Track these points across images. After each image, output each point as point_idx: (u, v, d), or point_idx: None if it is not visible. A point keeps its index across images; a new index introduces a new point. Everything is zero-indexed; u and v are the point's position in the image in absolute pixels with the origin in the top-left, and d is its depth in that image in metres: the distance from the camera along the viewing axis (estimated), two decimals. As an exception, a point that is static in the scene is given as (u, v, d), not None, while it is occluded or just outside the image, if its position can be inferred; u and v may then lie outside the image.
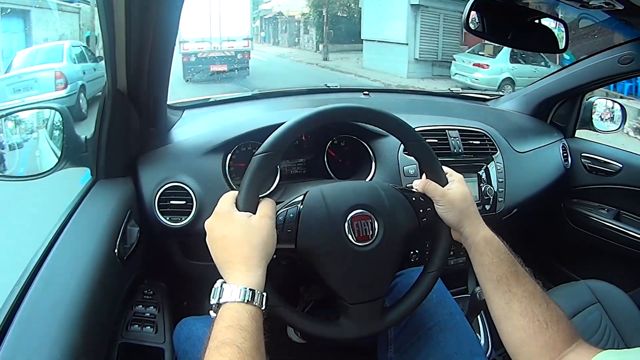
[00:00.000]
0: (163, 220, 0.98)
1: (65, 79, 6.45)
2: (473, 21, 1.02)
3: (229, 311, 0.58)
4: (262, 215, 0.67)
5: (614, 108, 1.56)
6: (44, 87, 6.30)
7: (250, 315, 0.58)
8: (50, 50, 7.55)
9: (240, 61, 10.87)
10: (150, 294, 0.96)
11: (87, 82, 6.85)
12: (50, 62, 6.77)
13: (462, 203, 0.75)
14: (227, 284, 0.60)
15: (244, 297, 0.59)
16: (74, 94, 6.48)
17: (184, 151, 1.06)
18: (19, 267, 0.71)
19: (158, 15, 0.78)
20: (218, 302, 0.60)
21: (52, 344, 0.60)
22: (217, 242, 0.65)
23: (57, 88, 6.32)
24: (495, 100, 1.73)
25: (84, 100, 6.62)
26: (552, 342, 0.64)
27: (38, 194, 2.64)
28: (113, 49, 0.81)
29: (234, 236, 0.64)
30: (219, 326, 0.56)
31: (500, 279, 0.70)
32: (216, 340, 0.54)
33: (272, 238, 0.67)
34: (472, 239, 0.74)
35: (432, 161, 0.77)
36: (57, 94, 6.22)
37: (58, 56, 6.97)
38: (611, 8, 0.89)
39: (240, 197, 0.68)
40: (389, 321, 0.74)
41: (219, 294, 0.60)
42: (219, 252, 0.65)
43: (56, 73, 6.44)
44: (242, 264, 0.62)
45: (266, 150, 0.69)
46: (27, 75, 6.42)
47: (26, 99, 5.85)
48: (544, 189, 1.42)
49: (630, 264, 1.42)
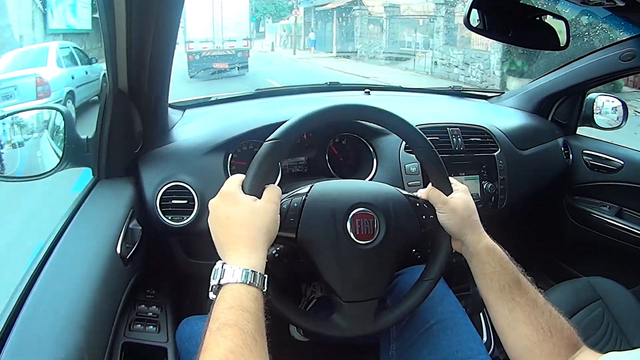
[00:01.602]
0: (165, 220, 0.98)
1: (48, 86, 5.76)
2: (474, 18, 1.02)
3: (231, 292, 0.57)
4: (267, 199, 0.67)
5: (615, 105, 1.56)
6: (24, 95, 5.59)
7: (252, 296, 0.57)
8: (35, 52, 6.80)
9: (240, 59, 11.83)
10: (152, 293, 0.96)
11: (76, 87, 6.27)
12: (32, 66, 6.06)
13: (464, 212, 0.74)
14: (228, 264, 0.59)
15: (246, 278, 0.58)
16: (59, 102, 5.70)
17: (185, 150, 1.06)
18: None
19: (159, 15, 0.78)
20: (219, 283, 0.58)
21: (55, 344, 0.61)
22: (221, 222, 0.65)
23: (39, 96, 5.60)
24: (496, 97, 1.73)
25: (72, 108, 5.93)
26: (557, 349, 0.64)
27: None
28: (114, 49, 0.81)
29: (238, 217, 0.64)
30: (220, 307, 0.55)
31: (503, 288, 0.70)
32: (217, 321, 0.53)
33: (275, 223, 0.67)
34: (473, 247, 0.74)
35: (439, 170, 0.77)
36: (38, 103, 5.31)
37: (42, 60, 6.21)
38: (612, 5, 0.89)
39: (246, 181, 0.68)
40: (381, 324, 0.74)
41: (220, 274, 0.59)
42: (221, 232, 0.64)
43: (37, 79, 5.74)
44: (245, 246, 0.62)
45: (277, 138, 0.69)
46: (6, 82, 5.69)
47: (5, 110, 5.33)
48: (545, 186, 1.42)
49: (632, 261, 1.42)
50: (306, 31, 21.82)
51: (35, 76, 5.80)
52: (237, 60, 11.74)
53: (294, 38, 21.75)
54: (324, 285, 0.73)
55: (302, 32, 21.90)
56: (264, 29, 26.64)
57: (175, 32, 0.87)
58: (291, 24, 22.77)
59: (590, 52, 1.42)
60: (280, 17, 25.43)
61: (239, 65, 11.61)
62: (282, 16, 25.28)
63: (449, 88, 1.78)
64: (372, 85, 1.64)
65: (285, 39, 23.32)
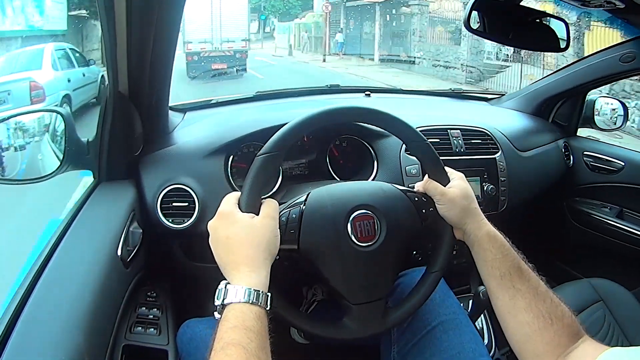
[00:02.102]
0: (165, 222, 0.98)
1: (43, 90, 5.58)
2: (474, 20, 1.02)
3: (234, 312, 0.58)
4: (265, 215, 0.67)
5: (615, 106, 1.56)
6: (17, 100, 5.40)
7: (255, 315, 0.58)
8: (29, 55, 6.59)
9: (238, 60, 11.94)
10: (153, 295, 0.96)
11: (72, 90, 6.10)
12: (27, 69, 5.87)
13: (463, 200, 0.74)
14: (231, 284, 0.60)
15: (248, 298, 0.58)
16: (55, 106, 5.66)
17: (186, 153, 1.06)
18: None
19: (159, 17, 0.78)
20: (222, 303, 0.59)
21: (56, 346, 0.61)
22: (221, 243, 0.65)
23: (33, 101, 5.41)
24: (497, 99, 1.73)
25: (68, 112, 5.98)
26: (558, 338, 0.64)
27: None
28: (114, 51, 0.81)
29: (237, 237, 0.64)
30: (224, 327, 0.56)
31: (504, 275, 0.70)
32: (222, 341, 0.54)
33: (276, 239, 0.67)
34: (474, 235, 0.74)
35: (434, 161, 0.77)
36: (32, 108, 5.38)
37: (36, 62, 6.01)
38: (612, 7, 0.89)
39: (242, 198, 0.68)
40: (392, 321, 0.74)
41: (224, 295, 0.60)
42: (223, 253, 0.65)
43: (31, 84, 5.56)
44: (246, 265, 0.62)
45: (268, 151, 0.69)
46: (0, 87, 5.49)
47: (5, 113, 5.20)
48: (546, 187, 1.42)
49: (633, 262, 1.42)
50: (333, 31, 17.24)
51: (29, 80, 5.65)
52: (235, 61, 11.84)
53: (315, 40, 19.00)
54: (330, 290, 0.73)
55: (326, 32, 17.30)
56: (269, 29, 24.75)
57: (175, 34, 0.87)
58: (310, 23, 19.71)
59: (590, 54, 1.42)
60: (290, 15, 23.28)
61: (237, 67, 11.65)
62: (292, 15, 23.24)
63: (449, 90, 1.79)
64: (373, 88, 1.65)
65: (306, 41, 19.77)
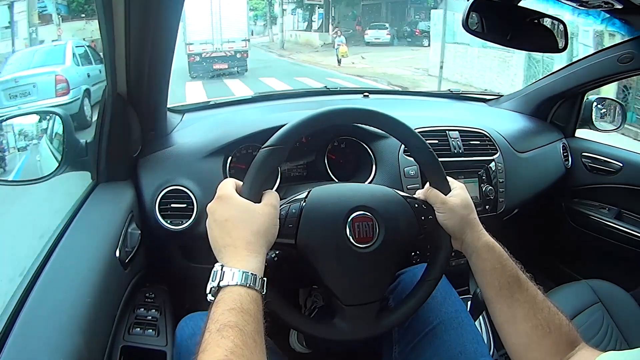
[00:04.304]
0: (164, 224, 0.98)
1: (67, 83, 5.84)
2: (472, 21, 1.02)
3: (231, 294, 0.57)
4: (267, 203, 0.67)
5: (614, 107, 1.56)
6: (43, 92, 5.68)
7: (252, 298, 0.57)
8: (51, 50, 6.92)
9: (239, 60, 12.30)
10: (151, 297, 0.95)
11: (92, 85, 6.28)
12: (51, 64, 6.12)
13: (463, 210, 0.74)
14: (228, 267, 0.59)
15: (246, 281, 0.58)
16: (77, 99, 5.86)
17: (184, 154, 1.06)
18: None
19: (157, 19, 0.78)
20: (218, 285, 0.58)
21: (54, 348, 0.60)
22: (219, 225, 0.64)
23: (58, 94, 5.70)
24: (495, 100, 1.73)
25: (88, 106, 6.07)
26: (556, 346, 0.64)
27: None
28: (113, 53, 0.81)
29: (237, 220, 0.64)
30: (220, 309, 0.55)
31: (502, 285, 0.70)
32: (217, 322, 0.53)
33: (275, 227, 0.67)
34: (473, 245, 0.74)
35: (436, 169, 0.77)
36: (58, 101, 5.56)
37: (59, 57, 6.29)
38: (610, 7, 0.89)
39: (245, 186, 0.68)
40: (383, 326, 0.74)
41: (220, 277, 0.59)
42: (220, 235, 0.64)
43: (57, 77, 5.82)
44: (244, 249, 0.62)
45: (275, 144, 0.69)
46: (25, 80, 5.78)
47: (23, 106, 5.17)
48: (544, 188, 1.42)
49: (631, 264, 1.42)
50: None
51: (54, 74, 5.87)
52: (236, 61, 12.15)
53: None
54: (324, 289, 0.73)
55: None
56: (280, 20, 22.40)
57: (174, 36, 0.87)
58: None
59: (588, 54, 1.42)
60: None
61: (238, 67, 12.05)
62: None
63: (447, 91, 1.79)
64: (371, 89, 1.65)
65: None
